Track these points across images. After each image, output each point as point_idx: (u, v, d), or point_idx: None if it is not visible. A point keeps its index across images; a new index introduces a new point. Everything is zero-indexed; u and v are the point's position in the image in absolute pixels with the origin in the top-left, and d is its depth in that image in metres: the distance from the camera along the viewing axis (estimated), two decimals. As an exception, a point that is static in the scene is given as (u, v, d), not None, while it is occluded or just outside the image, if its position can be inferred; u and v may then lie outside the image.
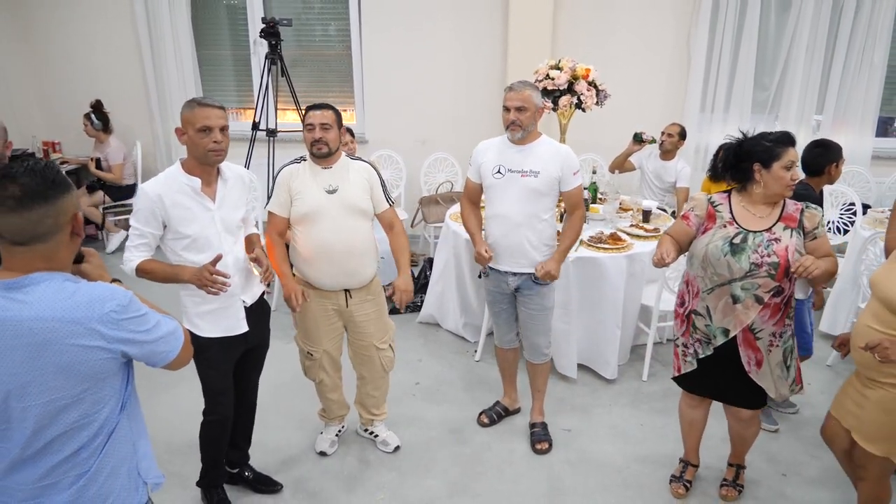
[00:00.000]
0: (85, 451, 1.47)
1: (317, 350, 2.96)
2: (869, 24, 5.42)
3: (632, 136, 4.89)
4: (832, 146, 3.16)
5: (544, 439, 3.28)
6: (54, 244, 1.40)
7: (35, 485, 1.45)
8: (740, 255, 2.40)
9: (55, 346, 1.35)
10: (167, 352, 1.55)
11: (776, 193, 2.42)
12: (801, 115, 5.73)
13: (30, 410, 1.38)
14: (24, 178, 1.34)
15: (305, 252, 2.81)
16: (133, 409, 1.59)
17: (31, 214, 1.34)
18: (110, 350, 1.41)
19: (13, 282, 1.36)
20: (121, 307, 1.42)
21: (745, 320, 2.46)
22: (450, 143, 6.02)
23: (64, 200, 1.39)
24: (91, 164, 5.85)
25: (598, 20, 5.75)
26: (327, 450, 3.18)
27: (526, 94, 2.86)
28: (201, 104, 2.33)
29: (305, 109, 2.86)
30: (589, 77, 4.00)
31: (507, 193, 2.93)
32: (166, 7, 5.98)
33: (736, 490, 2.91)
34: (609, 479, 3.05)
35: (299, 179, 2.78)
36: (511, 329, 3.27)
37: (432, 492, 2.96)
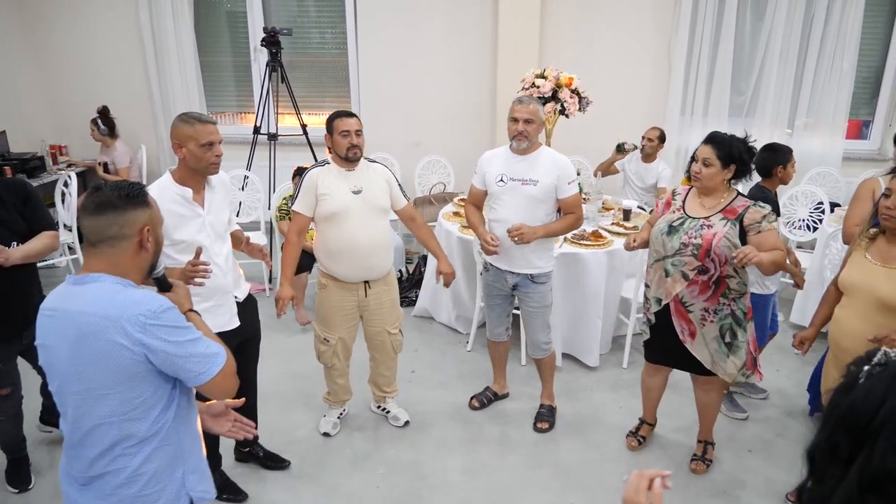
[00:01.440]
0: (118, 449, 1.58)
1: (333, 337, 3.22)
2: (838, 33, 5.73)
3: (615, 146, 5.20)
4: (779, 149, 3.43)
5: (546, 419, 3.55)
6: (120, 251, 1.58)
7: (84, 473, 1.62)
8: (673, 236, 2.80)
9: (92, 338, 1.51)
10: (199, 373, 1.59)
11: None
12: (775, 117, 6.03)
13: (72, 396, 1.57)
14: (107, 190, 1.59)
15: (332, 248, 3.07)
16: (183, 422, 1.68)
17: (102, 219, 1.56)
18: (133, 350, 1.51)
19: (79, 277, 1.58)
20: (151, 313, 1.52)
21: (672, 291, 2.84)
22: (442, 146, 6.30)
23: (133, 214, 1.59)
24: (99, 168, 6.09)
25: (582, 28, 6.05)
26: (330, 431, 3.45)
27: (533, 107, 3.10)
28: (202, 121, 2.49)
29: (333, 116, 3.07)
30: (572, 85, 4.28)
31: (508, 200, 3.18)
32: (170, 16, 6.23)
33: (704, 464, 3.20)
34: (589, 453, 3.34)
35: (326, 181, 3.02)
36: (502, 324, 3.53)
37: (426, 467, 3.24)
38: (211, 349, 1.62)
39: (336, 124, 3.02)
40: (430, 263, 4.74)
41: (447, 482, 3.13)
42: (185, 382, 1.63)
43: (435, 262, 4.63)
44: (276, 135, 5.58)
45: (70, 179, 5.37)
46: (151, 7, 6.23)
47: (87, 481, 1.62)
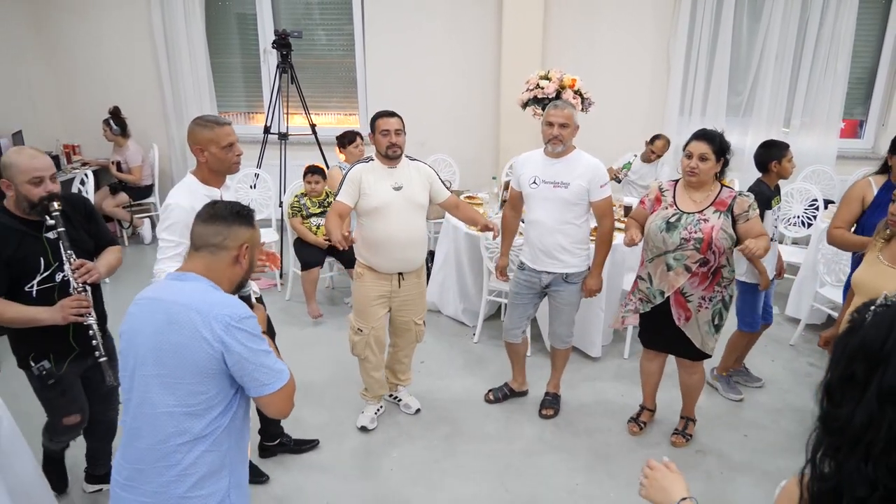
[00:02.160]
0: (172, 443, 1.63)
1: (366, 326, 3.37)
2: (832, 35, 5.90)
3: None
4: (775, 145, 3.59)
5: (551, 406, 3.70)
6: (218, 259, 1.73)
7: (134, 465, 1.67)
8: (673, 232, 2.94)
9: (178, 325, 1.61)
10: (263, 384, 1.66)
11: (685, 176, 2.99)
12: (771, 117, 6.21)
13: (143, 379, 1.65)
14: (221, 206, 1.78)
15: (372, 240, 3.22)
16: (236, 433, 1.74)
17: (210, 228, 1.74)
18: (213, 346, 1.60)
19: (178, 274, 1.73)
20: (237, 316, 1.63)
21: (676, 284, 3.01)
22: (447, 145, 6.46)
23: (238, 230, 1.75)
24: (112, 167, 6.25)
25: (584, 30, 6.21)
26: (368, 425, 3.55)
27: (568, 112, 3.20)
28: (219, 124, 2.56)
29: (376, 116, 3.20)
30: (575, 86, 4.44)
31: (541, 202, 3.29)
32: (182, 17, 6.39)
33: (684, 438, 3.42)
34: (593, 438, 3.51)
35: (370, 177, 3.16)
36: (520, 325, 3.60)
37: (437, 452, 3.41)
38: (279, 366, 1.71)
39: (377, 123, 3.15)
40: (438, 259, 4.90)
41: (458, 465, 3.30)
42: (248, 391, 1.69)
43: (441, 257, 4.83)
44: (287, 134, 5.73)
45: (87, 178, 5.53)
46: (163, 9, 6.39)
47: (134, 475, 1.67)
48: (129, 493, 1.68)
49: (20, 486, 2.08)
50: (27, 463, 2.17)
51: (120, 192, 6.32)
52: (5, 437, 2.08)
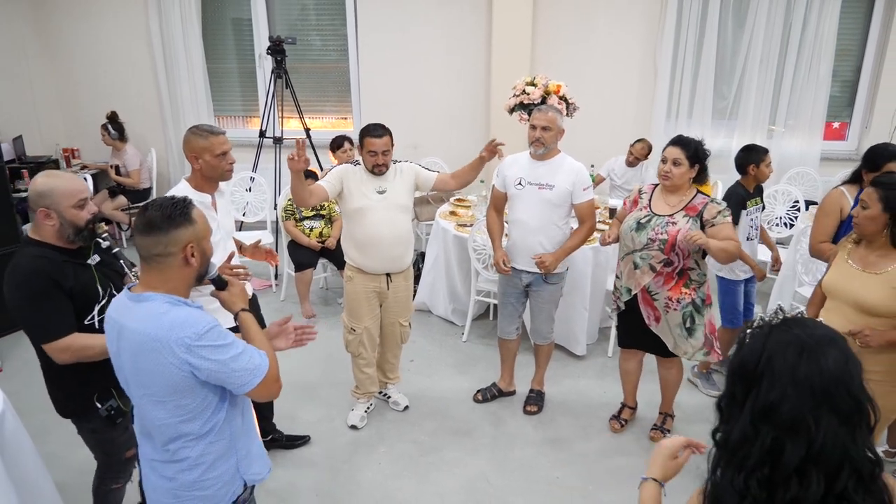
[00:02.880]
0: (178, 443, 1.75)
1: (359, 326, 3.49)
2: (815, 40, 6.03)
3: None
4: (754, 149, 3.73)
5: (535, 403, 3.83)
6: (167, 266, 1.71)
7: (148, 457, 1.82)
8: (641, 232, 3.09)
9: (145, 355, 1.66)
10: (241, 384, 1.72)
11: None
12: (756, 120, 6.34)
13: (136, 398, 1.76)
14: (152, 211, 1.71)
15: (359, 240, 3.34)
16: (235, 417, 1.84)
17: (149, 239, 1.69)
18: (181, 368, 1.64)
19: (135, 295, 1.71)
20: (196, 335, 1.64)
21: (641, 283, 3.15)
22: (439, 148, 6.59)
23: (176, 233, 1.69)
24: (111, 170, 6.37)
25: (572, 35, 6.34)
26: (358, 423, 3.67)
27: (551, 115, 3.32)
28: (214, 133, 2.66)
29: (364, 133, 3.26)
30: (560, 92, 4.57)
31: (526, 203, 3.41)
32: (179, 24, 6.51)
33: (662, 433, 3.53)
34: (575, 434, 3.64)
35: (354, 179, 3.27)
36: (513, 322, 3.75)
37: (424, 446, 3.54)
38: (253, 362, 1.73)
39: (365, 142, 3.23)
40: (428, 261, 5.03)
41: (444, 460, 3.43)
42: (232, 391, 1.77)
43: (431, 258, 4.96)
44: (282, 138, 5.86)
45: (86, 181, 5.65)
46: (161, 16, 6.51)
47: (154, 465, 1.82)
48: (155, 475, 1.83)
49: (24, 477, 2.19)
50: (30, 456, 2.28)
51: (119, 195, 6.44)
52: (9, 433, 2.20)
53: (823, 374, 1.12)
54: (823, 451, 1.11)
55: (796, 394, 1.12)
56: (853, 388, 1.13)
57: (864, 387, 1.15)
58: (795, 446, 1.11)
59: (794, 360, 1.14)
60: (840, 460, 1.11)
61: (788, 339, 1.16)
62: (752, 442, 1.14)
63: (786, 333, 1.17)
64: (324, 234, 5.02)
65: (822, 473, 1.11)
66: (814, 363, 1.13)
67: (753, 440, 1.14)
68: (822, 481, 1.11)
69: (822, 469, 1.11)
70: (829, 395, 1.11)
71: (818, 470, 1.11)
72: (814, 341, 1.15)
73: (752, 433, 1.15)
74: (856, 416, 1.12)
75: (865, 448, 1.13)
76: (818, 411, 1.11)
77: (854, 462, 1.11)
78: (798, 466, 1.11)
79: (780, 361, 1.15)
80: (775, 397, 1.13)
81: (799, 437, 1.11)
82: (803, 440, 1.11)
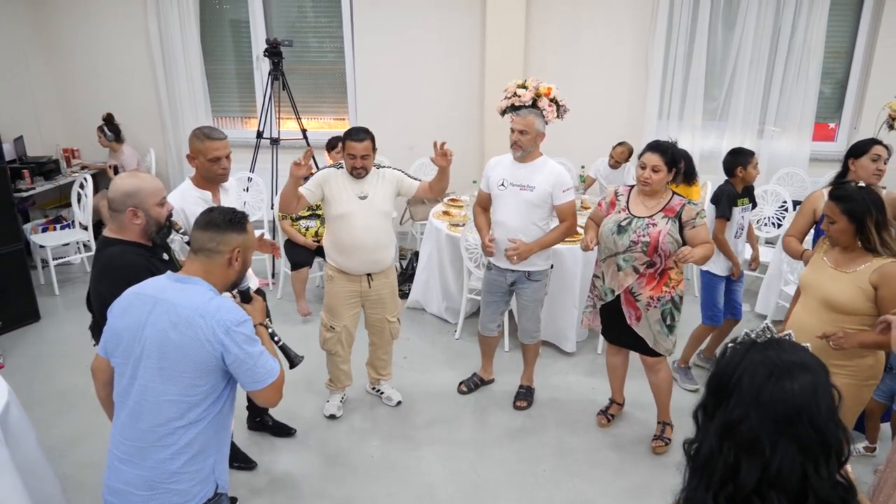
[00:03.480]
0: (171, 426, 1.82)
1: (338, 325, 3.59)
2: (804, 42, 6.12)
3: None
4: (741, 152, 3.85)
5: (524, 399, 3.93)
6: (213, 262, 1.92)
7: (133, 443, 1.85)
8: (623, 235, 3.15)
9: (184, 327, 1.81)
10: (255, 380, 1.88)
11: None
12: (746, 121, 6.44)
13: (148, 370, 1.83)
14: (215, 212, 1.95)
15: (340, 244, 3.43)
16: (224, 417, 1.96)
17: (206, 234, 1.91)
18: (214, 347, 1.81)
19: (180, 277, 1.92)
20: (236, 321, 1.84)
21: (625, 284, 3.22)
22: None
23: (230, 236, 1.92)
24: (110, 171, 6.44)
25: (565, 38, 6.43)
26: (336, 413, 3.80)
27: (529, 119, 3.40)
28: (210, 138, 2.81)
29: (346, 136, 3.32)
30: (550, 95, 4.66)
31: (508, 203, 3.52)
32: (177, 26, 6.60)
33: (663, 443, 3.55)
34: (563, 429, 3.74)
35: (335, 185, 3.35)
36: (495, 320, 3.86)
37: (416, 440, 3.64)
38: (270, 364, 1.92)
39: (347, 145, 3.30)
40: (422, 260, 5.13)
41: (434, 453, 3.53)
42: (243, 385, 1.91)
43: (425, 257, 5.06)
44: (279, 139, 5.95)
45: (86, 182, 5.75)
46: (160, 18, 6.60)
47: (133, 452, 1.85)
48: (127, 467, 1.87)
49: (27, 464, 2.30)
50: (32, 445, 2.39)
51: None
52: (14, 422, 2.30)
53: (787, 402, 1.11)
54: (780, 476, 1.10)
55: (757, 415, 1.11)
56: (817, 419, 1.10)
57: (834, 419, 1.13)
58: (751, 467, 1.11)
59: (761, 381, 1.13)
60: (802, 488, 1.10)
61: (761, 360, 1.16)
62: (717, 457, 1.15)
63: (761, 354, 1.17)
64: (319, 234, 5.11)
65: (783, 498, 1.10)
66: (779, 388, 1.12)
67: (718, 456, 1.15)
68: (784, 502, 1.11)
69: (783, 494, 1.10)
70: (790, 423, 1.10)
71: (778, 494, 1.11)
72: (785, 366, 1.14)
73: (717, 448, 1.16)
74: (817, 448, 1.10)
75: (832, 479, 1.12)
76: (776, 437, 1.10)
77: (818, 493, 1.10)
78: (756, 488, 1.11)
79: (748, 381, 1.14)
80: (737, 416, 1.13)
81: (754, 459, 1.11)
82: (758, 462, 1.11)
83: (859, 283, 2.51)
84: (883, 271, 2.46)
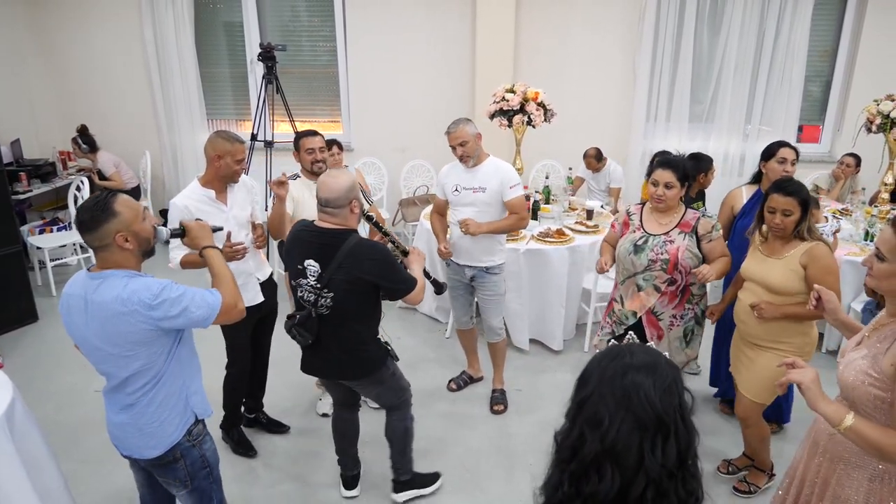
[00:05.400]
0: (144, 388, 2.11)
1: None
2: (787, 46, 6.26)
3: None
4: (702, 158, 4.04)
5: (500, 402, 4.04)
6: (109, 253, 2.03)
7: (120, 403, 2.15)
8: (640, 254, 3.07)
9: (116, 320, 1.98)
10: (203, 320, 2.09)
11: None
12: (732, 124, 6.57)
13: (109, 359, 2.07)
14: (80, 214, 2.02)
15: None
16: (183, 358, 2.18)
17: (87, 236, 2.02)
18: (147, 324, 2.00)
19: (95, 274, 2.05)
20: (153, 295, 1.99)
21: (647, 304, 3.13)
22: (426, 151, 6.80)
23: (103, 228, 1.99)
24: (95, 177, 6.52)
25: (554, 42, 6.55)
26: (328, 411, 3.86)
27: (461, 130, 3.51)
28: (239, 141, 3.05)
29: (299, 136, 3.57)
30: (538, 99, 4.77)
31: (463, 205, 3.66)
32: (172, 30, 6.69)
33: None
34: (547, 424, 3.82)
35: (297, 192, 3.53)
36: (466, 312, 4.00)
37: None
38: (206, 301, 2.09)
39: (302, 143, 3.52)
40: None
41: (424, 448, 3.62)
42: (201, 327, 2.13)
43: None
44: (272, 142, 6.04)
45: (82, 184, 5.83)
46: (155, 22, 6.69)
47: (122, 408, 2.17)
48: (122, 415, 2.17)
49: (32, 459, 2.40)
50: (37, 440, 2.49)
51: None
52: (19, 418, 2.40)
53: (626, 376, 1.20)
54: (616, 448, 1.16)
55: (599, 392, 1.20)
56: (652, 397, 1.18)
57: (682, 413, 1.20)
58: (592, 438, 1.18)
59: (606, 361, 1.24)
60: (636, 465, 1.16)
61: (615, 348, 1.28)
62: (567, 436, 1.24)
63: (614, 347, 1.29)
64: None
65: (617, 472, 1.16)
66: (619, 363, 1.22)
67: (568, 435, 1.24)
68: (616, 479, 1.16)
69: (618, 468, 1.17)
70: (628, 397, 1.18)
71: (612, 467, 1.17)
72: (635, 350, 1.25)
73: (569, 428, 1.25)
74: (653, 426, 1.16)
75: (667, 465, 1.17)
76: (615, 409, 1.18)
77: (649, 470, 1.16)
78: (594, 460, 1.18)
79: (595, 363, 1.26)
80: (586, 393, 1.23)
81: (595, 430, 1.18)
82: (598, 433, 1.18)
83: (791, 266, 2.75)
84: (812, 252, 2.72)
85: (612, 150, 6.11)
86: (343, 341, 2.75)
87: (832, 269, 2.73)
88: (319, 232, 2.66)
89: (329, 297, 2.65)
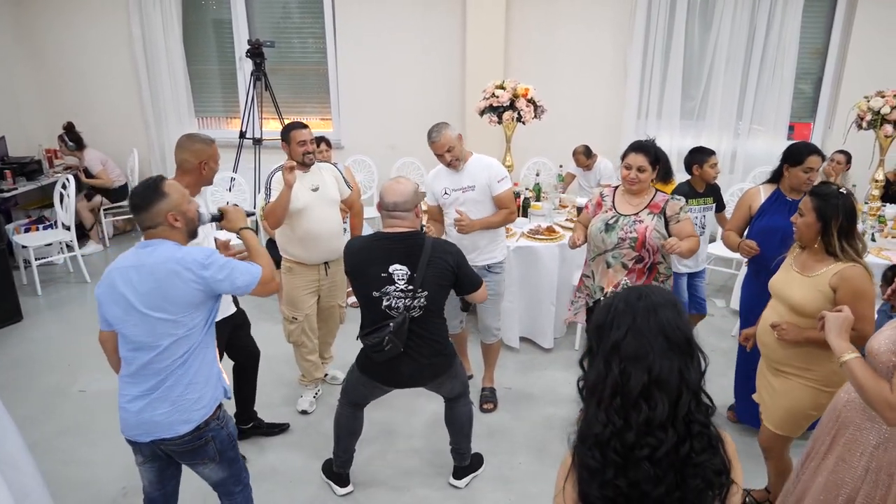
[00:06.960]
0: (181, 358, 2.18)
1: (300, 314, 3.70)
2: (778, 43, 6.25)
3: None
4: (697, 150, 3.99)
5: (490, 401, 4.01)
6: (161, 231, 2.18)
7: (151, 379, 2.18)
8: (611, 232, 3.23)
9: (169, 278, 2.10)
10: (244, 287, 2.23)
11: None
12: (723, 120, 6.56)
13: (156, 325, 2.12)
14: (133, 195, 2.20)
15: (299, 237, 3.57)
16: (212, 333, 2.30)
17: (140, 217, 2.18)
18: (198, 283, 2.13)
19: (145, 243, 2.19)
20: (206, 256, 2.16)
21: (614, 280, 3.27)
22: (416, 149, 6.70)
23: (156, 208, 2.15)
24: (82, 175, 6.46)
25: (544, 40, 6.53)
26: (308, 408, 3.89)
27: (445, 136, 3.50)
28: (212, 140, 2.99)
29: (289, 128, 3.55)
30: (528, 95, 4.74)
31: (457, 207, 3.63)
32: (160, 27, 6.63)
33: None
34: (539, 423, 3.82)
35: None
36: (456, 316, 3.92)
37: (395, 432, 3.72)
38: (249, 270, 2.24)
39: (292, 135, 3.51)
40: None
41: (415, 446, 3.61)
42: (240, 293, 2.29)
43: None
44: (261, 139, 6.00)
45: (69, 182, 5.76)
46: (142, 18, 6.63)
47: (153, 386, 2.19)
48: (155, 402, 2.21)
49: (9, 459, 2.35)
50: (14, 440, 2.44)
51: (94, 196, 6.55)
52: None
53: (657, 312, 1.35)
54: (661, 376, 1.32)
55: (635, 328, 1.34)
56: (682, 324, 1.35)
57: (691, 331, 1.38)
58: (638, 372, 1.32)
59: (634, 302, 1.37)
60: (678, 386, 1.32)
61: (628, 292, 1.42)
62: (605, 377, 1.35)
63: (626, 291, 1.43)
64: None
65: (665, 396, 1.31)
66: (645, 303, 1.36)
67: (606, 375, 1.35)
68: (666, 402, 1.31)
69: (665, 393, 1.32)
70: (663, 328, 1.34)
71: (661, 393, 1.32)
72: (649, 290, 1.40)
73: (605, 370, 1.36)
74: (686, 347, 1.34)
75: (699, 378, 1.36)
76: (655, 342, 1.33)
77: (690, 385, 1.34)
78: (643, 391, 1.32)
79: (622, 305, 1.38)
80: (620, 335, 1.35)
81: (640, 364, 1.32)
82: (644, 367, 1.32)
83: (819, 287, 2.51)
84: (842, 274, 2.46)
85: (603, 147, 6.07)
86: (432, 342, 2.86)
87: (865, 294, 2.42)
88: (400, 237, 2.75)
89: (423, 295, 2.74)
